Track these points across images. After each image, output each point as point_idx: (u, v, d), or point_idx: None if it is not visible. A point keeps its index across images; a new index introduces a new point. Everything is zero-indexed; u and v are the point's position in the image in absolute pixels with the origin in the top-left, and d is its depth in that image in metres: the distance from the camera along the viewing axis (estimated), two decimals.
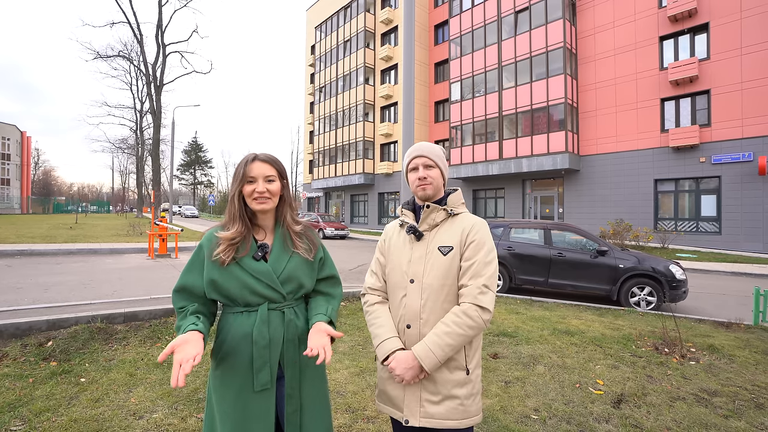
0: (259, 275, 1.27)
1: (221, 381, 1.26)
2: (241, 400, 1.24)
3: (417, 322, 1.32)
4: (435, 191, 1.41)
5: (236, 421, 1.23)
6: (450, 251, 1.33)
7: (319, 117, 32.71)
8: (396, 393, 1.34)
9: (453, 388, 1.29)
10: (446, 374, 1.29)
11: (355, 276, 8.72)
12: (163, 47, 27.08)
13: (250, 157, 1.33)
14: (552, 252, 6.87)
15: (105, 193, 79.75)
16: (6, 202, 42.07)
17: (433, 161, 1.40)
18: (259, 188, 1.28)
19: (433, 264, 1.33)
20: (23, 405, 2.51)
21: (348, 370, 3.25)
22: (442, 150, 1.47)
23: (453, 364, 1.30)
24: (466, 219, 1.39)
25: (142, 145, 38.28)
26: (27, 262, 8.65)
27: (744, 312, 5.89)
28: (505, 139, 20.19)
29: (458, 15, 22.67)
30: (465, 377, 1.30)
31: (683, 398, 2.91)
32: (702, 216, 15.49)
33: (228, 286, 1.25)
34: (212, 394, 1.29)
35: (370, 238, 20.30)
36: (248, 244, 1.30)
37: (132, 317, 4.24)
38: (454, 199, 1.42)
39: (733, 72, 14.56)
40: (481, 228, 1.35)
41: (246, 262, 1.27)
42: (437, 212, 1.39)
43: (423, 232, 1.39)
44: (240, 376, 1.24)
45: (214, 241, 1.29)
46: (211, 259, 1.26)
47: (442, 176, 1.43)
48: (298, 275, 1.33)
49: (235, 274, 1.25)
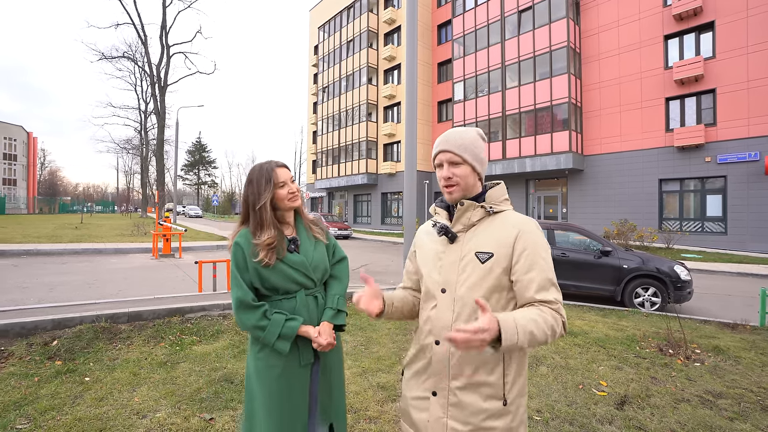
0: (297, 266, 1.47)
1: (266, 362, 1.43)
2: (286, 375, 1.42)
3: None
4: (464, 192, 1.18)
5: (283, 396, 1.41)
6: (489, 258, 1.11)
7: (323, 117, 32.75)
8: (419, 416, 1.17)
9: (486, 420, 1.07)
10: (478, 402, 1.08)
11: (358, 276, 8.72)
12: (167, 48, 27.20)
13: (270, 165, 1.50)
14: (555, 252, 6.84)
15: (110, 194, 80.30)
16: (12, 202, 42.45)
17: (461, 156, 1.15)
18: (292, 189, 1.50)
19: (469, 273, 1.12)
20: (28, 403, 2.54)
21: (350, 371, 3.25)
22: (479, 136, 1.20)
23: (486, 390, 1.08)
24: (510, 218, 1.16)
25: (146, 146, 38.47)
26: (33, 261, 8.72)
27: (750, 313, 5.83)
28: (508, 138, 20.13)
29: (461, 15, 22.62)
30: (501, 408, 1.08)
31: (688, 400, 2.89)
32: (707, 216, 15.36)
33: (275, 280, 1.44)
34: (253, 375, 1.45)
35: (374, 238, 20.30)
36: (283, 244, 1.48)
37: (136, 317, 4.26)
38: (494, 195, 1.19)
39: (738, 71, 14.43)
40: (532, 230, 1.13)
41: (285, 258, 1.46)
42: (473, 210, 1.16)
43: (457, 234, 1.18)
44: (284, 355, 1.41)
45: (251, 246, 1.44)
46: (254, 259, 1.42)
47: (474, 172, 1.18)
48: (324, 261, 1.57)
49: (280, 270, 1.44)
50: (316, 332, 1.44)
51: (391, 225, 27.55)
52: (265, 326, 1.38)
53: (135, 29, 27.24)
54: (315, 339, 1.42)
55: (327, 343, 1.43)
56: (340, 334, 1.57)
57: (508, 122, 20.21)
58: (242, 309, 1.39)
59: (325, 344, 1.43)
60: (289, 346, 1.39)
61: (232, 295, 1.42)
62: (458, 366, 1.11)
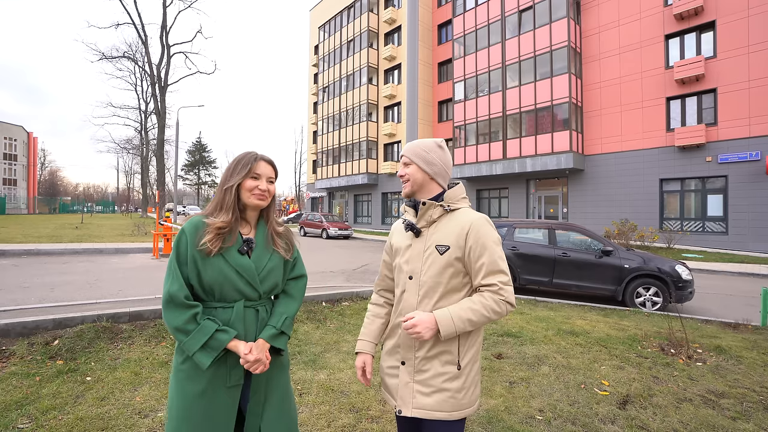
0: (241, 270, 1.30)
1: (187, 374, 1.27)
2: (208, 395, 1.25)
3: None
4: (414, 187, 1.40)
5: (200, 417, 1.24)
6: (446, 250, 1.32)
7: (323, 117, 32.75)
8: (392, 382, 1.40)
9: (444, 382, 1.30)
10: (438, 367, 1.31)
11: (359, 276, 8.71)
12: (167, 48, 27.20)
13: (256, 155, 1.39)
14: (556, 252, 6.83)
15: (110, 194, 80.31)
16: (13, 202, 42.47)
17: (409, 158, 1.40)
18: (262, 186, 1.36)
19: (430, 262, 1.33)
20: (30, 403, 2.53)
21: (352, 370, 3.25)
22: (436, 145, 1.42)
23: (445, 357, 1.32)
24: (463, 216, 1.35)
25: (146, 146, 38.48)
26: (33, 261, 8.72)
27: (751, 313, 5.82)
28: (509, 138, 20.12)
29: (462, 14, 22.61)
30: (456, 372, 1.31)
31: (690, 399, 2.88)
32: (708, 216, 15.34)
33: (208, 277, 1.27)
34: (173, 388, 1.29)
35: (374, 238, 20.29)
36: (235, 235, 1.32)
37: (137, 316, 4.26)
38: (451, 195, 1.39)
39: (740, 70, 14.41)
40: (479, 226, 1.31)
41: (230, 255, 1.29)
42: (433, 209, 1.37)
43: (421, 229, 1.38)
44: (210, 370, 1.25)
45: (201, 228, 1.29)
46: (196, 247, 1.26)
47: (421, 171, 1.39)
48: (276, 275, 1.40)
49: (218, 266, 1.27)
50: (247, 348, 1.24)
51: (392, 225, 27.51)
52: (191, 331, 1.21)
53: (135, 29, 27.25)
54: (243, 355, 1.23)
55: (254, 359, 1.23)
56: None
57: (508, 122, 20.19)
58: (171, 306, 1.22)
59: (252, 361, 1.23)
60: (211, 361, 1.21)
61: (164, 288, 1.24)
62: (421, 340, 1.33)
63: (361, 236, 21.21)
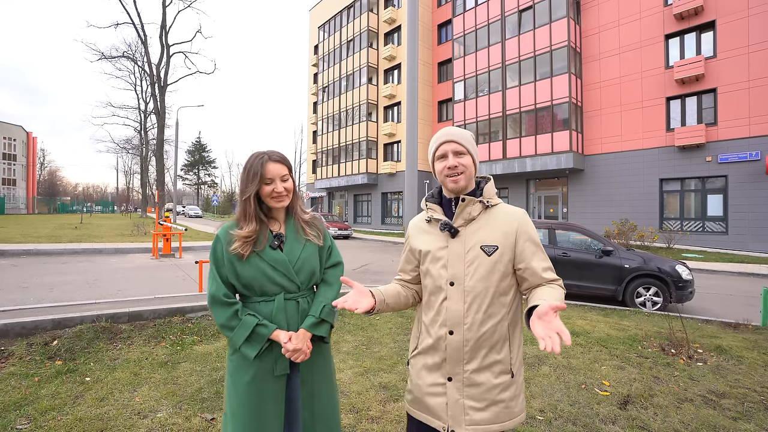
0: (276, 264, 1.36)
1: (237, 365, 1.36)
2: (257, 383, 1.33)
3: (461, 327, 1.22)
4: (468, 182, 1.25)
5: (252, 403, 1.32)
6: (495, 251, 1.20)
7: (323, 117, 32.73)
8: (436, 402, 1.25)
9: (499, 394, 1.21)
10: (491, 379, 1.21)
11: (358, 276, 8.71)
12: (167, 48, 27.16)
13: (263, 158, 1.38)
14: (556, 252, 6.83)
15: (109, 194, 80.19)
16: (12, 202, 42.42)
17: (465, 147, 1.24)
18: (278, 189, 1.38)
19: (477, 265, 1.21)
20: (29, 404, 2.53)
21: (352, 371, 3.24)
22: (472, 135, 1.31)
23: (498, 368, 1.21)
24: (504, 212, 1.25)
25: (146, 146, 38.43)
26: (33, 261, 8.71)
27: (752, 313, 5.82)
28: (508, 138, 20.12)
29: (462, 14, 22.60)
30: (510, 380, 1.22)
31: (691, 400, 2.87)
32: (708, 216, 15.35)
33: (248, 275, 1.34)
34: (228, 375, 1.39)
35: (374, 238, 20.28)
36: (265, 238, 1.38)
37: (136, 317, 4.25)
38: (490, 190, 1.28)
39: (740, 70, 14.41)
40: (527, 223, 1.25)
41: (264, 252, 1.36)
42: (473, 205, 1.24)
43: (459, 229, 1.24)
44: (256, 360, 1.33)
45: (229, 237, 1.36)
46: (229, 251, 1.34)
47: (474, 165, 1.27)
48: (312, 263, 1.44)
49: (254, 264, 1.35)
50: (287, 337, 1.31)
51: (392, 225, 27.54)
52: (234, 327, 1.31)
53: (135, 29, 27.20)
54: (283, 344, 1.30)
55: (293, 348, 1.29)
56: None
57: (508, 122, 20.19)
58: (214, 305, 1.33)
59: (292, 350, 1.29)
60: (257, 352, 1.30)
61: (207, 289, 1.37)
62: (472, 351, 1.21)
63: (360, 236, 21.20)
